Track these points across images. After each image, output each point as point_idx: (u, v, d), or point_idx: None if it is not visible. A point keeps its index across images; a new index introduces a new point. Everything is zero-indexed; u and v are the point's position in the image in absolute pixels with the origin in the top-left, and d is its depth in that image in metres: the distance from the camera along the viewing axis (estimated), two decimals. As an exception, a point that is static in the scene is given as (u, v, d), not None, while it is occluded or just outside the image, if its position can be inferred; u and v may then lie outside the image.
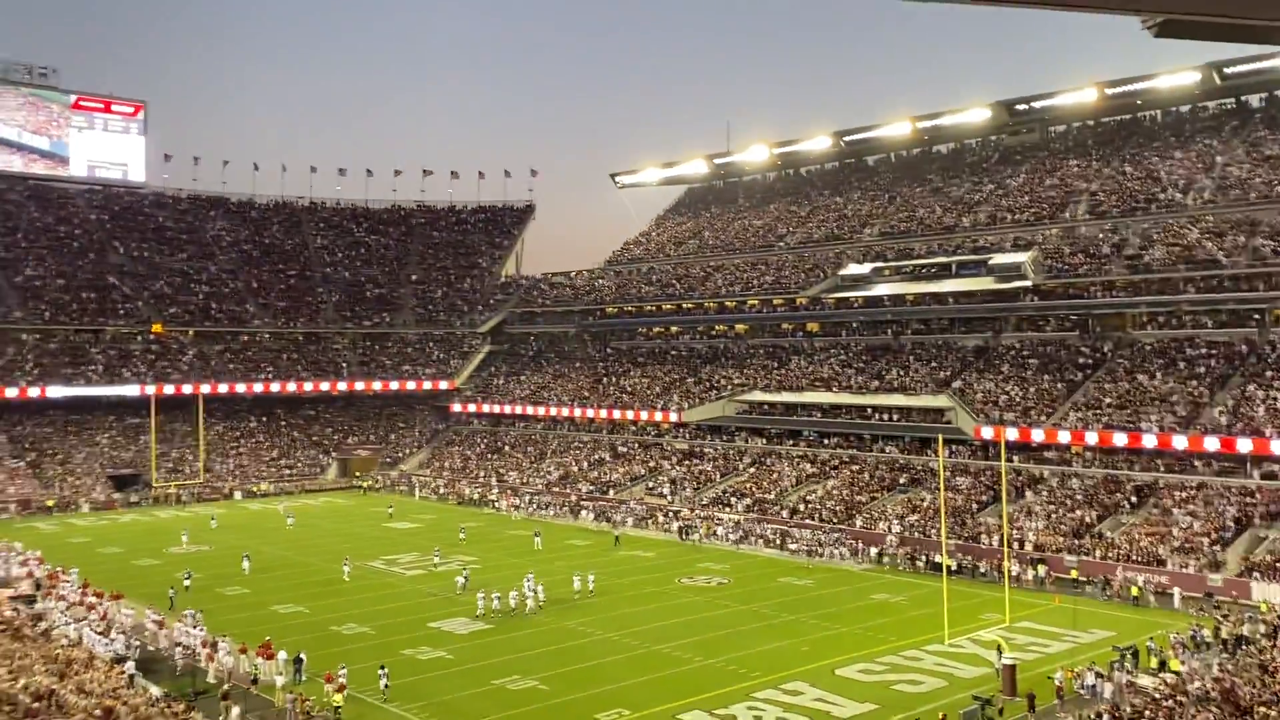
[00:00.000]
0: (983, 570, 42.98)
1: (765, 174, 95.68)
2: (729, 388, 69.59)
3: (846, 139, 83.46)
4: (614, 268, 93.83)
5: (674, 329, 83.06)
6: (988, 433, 52.07)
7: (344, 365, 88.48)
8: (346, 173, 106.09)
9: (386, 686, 27.75)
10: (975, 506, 49.30)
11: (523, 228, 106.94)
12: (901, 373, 62.27)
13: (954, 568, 41.99)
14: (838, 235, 77.68)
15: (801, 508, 54.39)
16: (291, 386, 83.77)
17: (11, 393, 71.68)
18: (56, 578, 40.55)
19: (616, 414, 72.95)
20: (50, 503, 64.92)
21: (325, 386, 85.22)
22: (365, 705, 26.75)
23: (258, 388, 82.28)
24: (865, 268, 67.93)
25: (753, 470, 61.68)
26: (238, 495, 70.93)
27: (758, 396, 67.00)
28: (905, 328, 67.50)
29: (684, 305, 79.58)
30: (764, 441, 64.94)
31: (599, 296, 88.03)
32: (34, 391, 72.63)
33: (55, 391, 73.52)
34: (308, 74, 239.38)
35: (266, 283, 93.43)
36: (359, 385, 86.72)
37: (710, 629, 34.77)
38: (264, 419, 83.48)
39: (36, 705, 21.79)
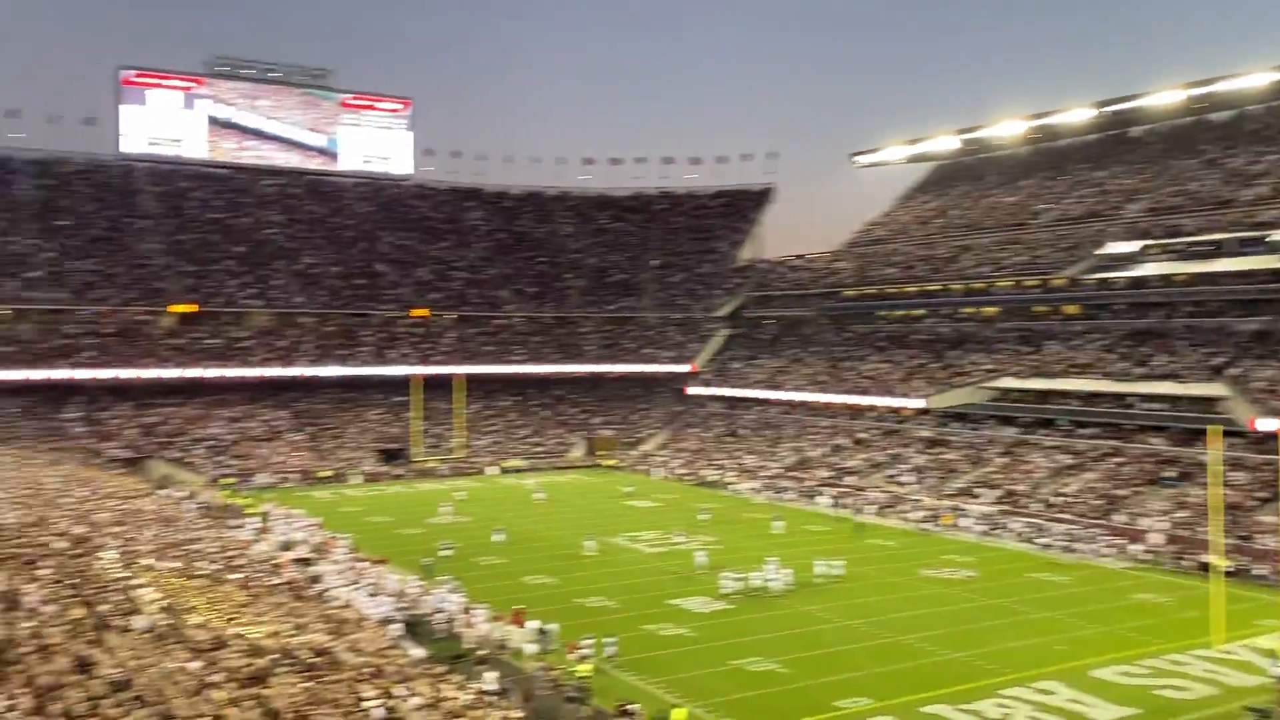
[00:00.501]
0: (1259, 573, 39.66)
1: (1018, 148, 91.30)
2: (977, 374, 67.06)
3: (1109, 109, 78.32)
4: (854, 249, 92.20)
5: (917, 312, 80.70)
6: (1267, 424, 47.86)
7: (589, 348, 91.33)
8: (594, 163, 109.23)
9: (612, 655, 28.67)
10: (1252, 504, 45.50)
11: (761, 211, 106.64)
12: (1169, 359, 58.17)
13: (1227, 569, 38.95)
14: (1098, 212, 73.24)
15: (1056, 500, 51.86)
16: (541, 368, 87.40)
17: (294, 372, 78.33)
18: (331, 543, 43.93)
19: (855, 400, 71.76)
20: (326, 473, 70.34)
21: (572, 369, 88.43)
22: (610, 678, 27.60)
23: (511, 369, 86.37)
24: (1130, 246, 63.70)
25: (1003, 460, 59.27)
26: (492, 470, 74.53)
27: (1009, 383, 64.21)
28: (1175, 311, 62.91)
29: (928, 287, 77.20)
30: (1015, 430, 62.25)
31: (838, 279, 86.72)
32: (312, 372, 79.05)
33: (330, 371, 79.72)
34: (559, 68, 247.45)
35: (519, 269, 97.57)
36: (603, 368, 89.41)
37: (956, 622, 33.77)
38: (517, 399, 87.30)
39: (315, 660, 23.75)
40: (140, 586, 27.91)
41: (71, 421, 70.60)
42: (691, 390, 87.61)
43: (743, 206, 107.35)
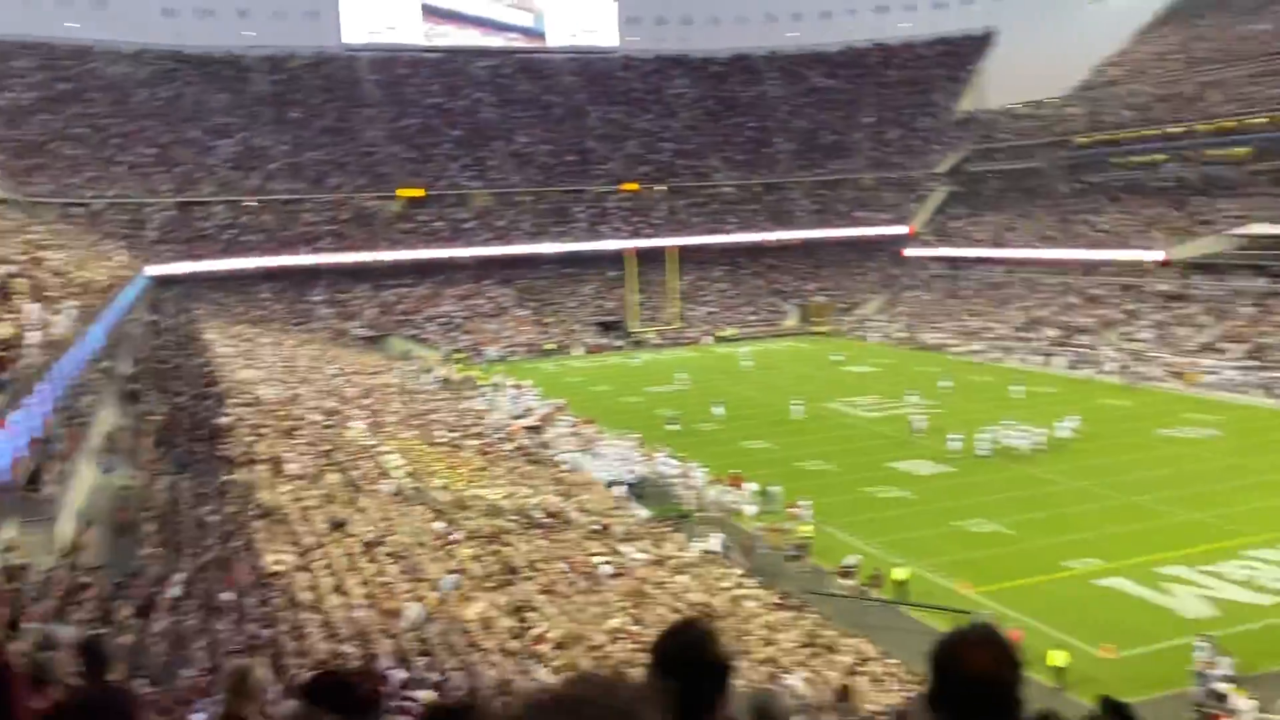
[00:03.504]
0: None
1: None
2: (1223, 221, 62.11)
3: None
4: (1085, 94, 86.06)
5: (1158, 157, 74.84)
6: None
7: (801, 214, 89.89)
8: (803, 18, 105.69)
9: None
10: None
11: (982, 58, 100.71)
12: None
13: None
14: (1371, 34, 65.41)
15: (1313, 354, 48.03)
16: (753, 237, 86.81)
17: (514, 250, 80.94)
18: (556, 412, 45.87)
19: (1088, 255, 67.93)
20: (550, 346, 72.99)
21: (784, 235, 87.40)
22: (831, 539, 27.98)
23: (723, 239, 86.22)
24: None
25: (1252, 312, 55.13)
26: (707, 340, 75.38)
27: (1260, 229, 59.16)
28: None
29: (1170, 130, 71.41)
30: (1266, 281, 57.57)
31: (1068, 127, 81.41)
32: (531, 249, 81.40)
33: (548, 248, 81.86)
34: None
35: (727, 136, 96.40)
36: (816, 233, 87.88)
37: (1196, 483, 32.17)
38: (729, 268, 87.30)
39: (548, 520, 25.19)
40: (387, 454, 30.14)
41: (317, 303, 75.74)
42: (909, 252, 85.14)
43: (963, 54, 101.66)
